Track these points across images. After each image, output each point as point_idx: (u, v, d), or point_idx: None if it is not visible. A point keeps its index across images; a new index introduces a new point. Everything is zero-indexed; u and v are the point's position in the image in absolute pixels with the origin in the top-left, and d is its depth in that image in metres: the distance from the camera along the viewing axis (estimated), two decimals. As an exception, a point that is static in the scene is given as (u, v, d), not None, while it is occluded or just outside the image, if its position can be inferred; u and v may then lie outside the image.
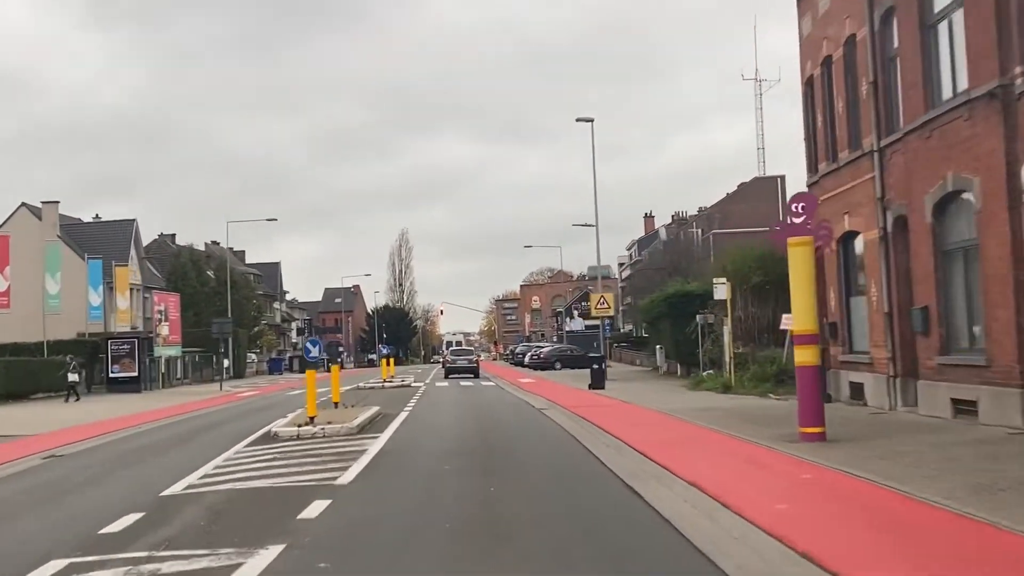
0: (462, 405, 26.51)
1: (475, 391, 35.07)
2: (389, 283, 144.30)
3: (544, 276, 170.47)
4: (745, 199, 64.59)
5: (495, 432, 18.16)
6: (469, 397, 30.96)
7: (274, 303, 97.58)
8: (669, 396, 26.51)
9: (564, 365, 55.23)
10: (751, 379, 26.31)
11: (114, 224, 63.63)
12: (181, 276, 64.03)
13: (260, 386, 49.15)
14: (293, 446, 15.96)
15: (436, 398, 30.52)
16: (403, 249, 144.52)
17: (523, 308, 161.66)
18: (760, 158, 72.50)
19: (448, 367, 52.66)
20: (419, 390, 36.01)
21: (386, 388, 37.68)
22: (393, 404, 26.42)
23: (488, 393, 33.54)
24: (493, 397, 30.71)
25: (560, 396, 27.87)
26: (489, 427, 19.38)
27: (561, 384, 36.31)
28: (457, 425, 20.08)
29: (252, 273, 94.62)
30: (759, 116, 71.05)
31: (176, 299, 55.11)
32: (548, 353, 56.19)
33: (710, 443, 14.64)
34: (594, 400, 26.08)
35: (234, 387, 48.12)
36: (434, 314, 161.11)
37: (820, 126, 22.86)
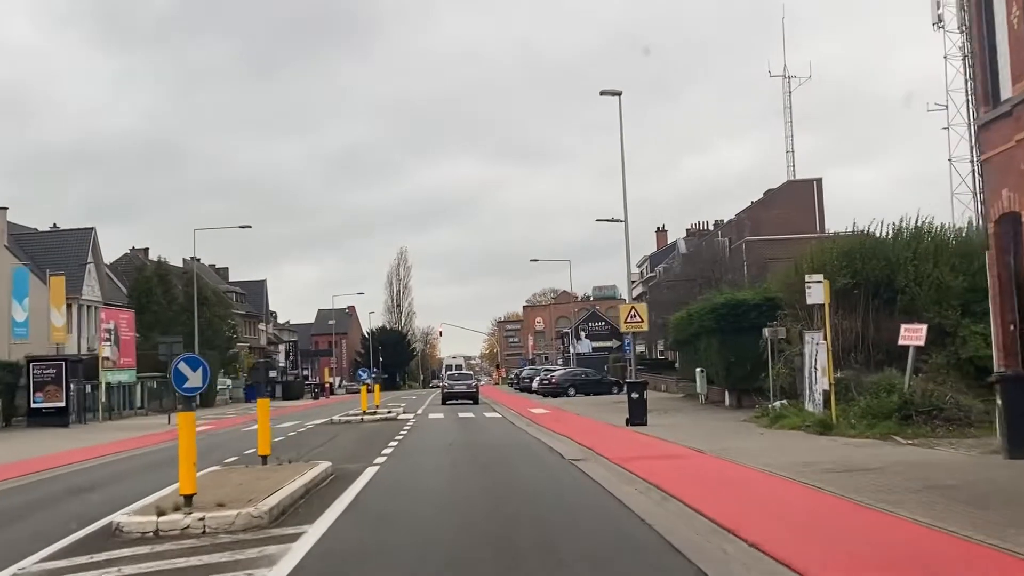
0: (460, 451, 18.91)
1: (477, 427, 27.49)
2: (386, 304, 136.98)
3: (548, 297, 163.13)
4: (776, 205, 57.29)
5: (515, 514, 10.54)
6: (470, 436, 23.36)
7: (259, 324, 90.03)
8: (745, 439, 18.93)
9: (578, 391, 47.66)
10: (862, 414, 18.72)
11: (70, 234, 56.19)
12: (145, 292, 56.56)
13: (225, 417, 41.52)
14: (134, 561, 8.35)
15: (426, 439, 22.91)
16: (401, 268, 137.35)
17: (526, 330, 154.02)
18: (789, 161, 65.20)
19: (446, 392, 48.04)
20: (406, 425, 28.45)
21: (365, 423, 30.11)
22: (361, 451, 18.84)
23: (494, 429, 25.96)
24: (502, 436, 23.12)
25: (593, 437, 20.32)
26: (503, 497, 11.84)
27: (585, 418, 28.72)
28: (450, 493, 12.54)
29: (235, 292, 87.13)
30: (787, 116, 63.54)
31: (129, 316, 47.59)
32: (560, 378, 48.63)
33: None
34: (644, 444, 18.51)
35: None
36: (434, 337, 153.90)
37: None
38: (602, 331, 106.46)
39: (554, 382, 47.98)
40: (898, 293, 23.69)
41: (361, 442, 21.63)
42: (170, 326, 56.95)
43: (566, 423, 26.31)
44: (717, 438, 19.13)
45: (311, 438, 24.02)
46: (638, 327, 31.06)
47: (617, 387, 48.76)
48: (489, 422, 29.43)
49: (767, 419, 22.53)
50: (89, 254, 55.55)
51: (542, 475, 14.22)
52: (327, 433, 26.05)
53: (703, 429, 22.06)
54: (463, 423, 29.30)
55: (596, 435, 21.08)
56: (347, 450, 19.58)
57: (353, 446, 20.71)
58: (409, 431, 25.37)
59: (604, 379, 49.96)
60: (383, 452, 18.37)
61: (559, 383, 47.84)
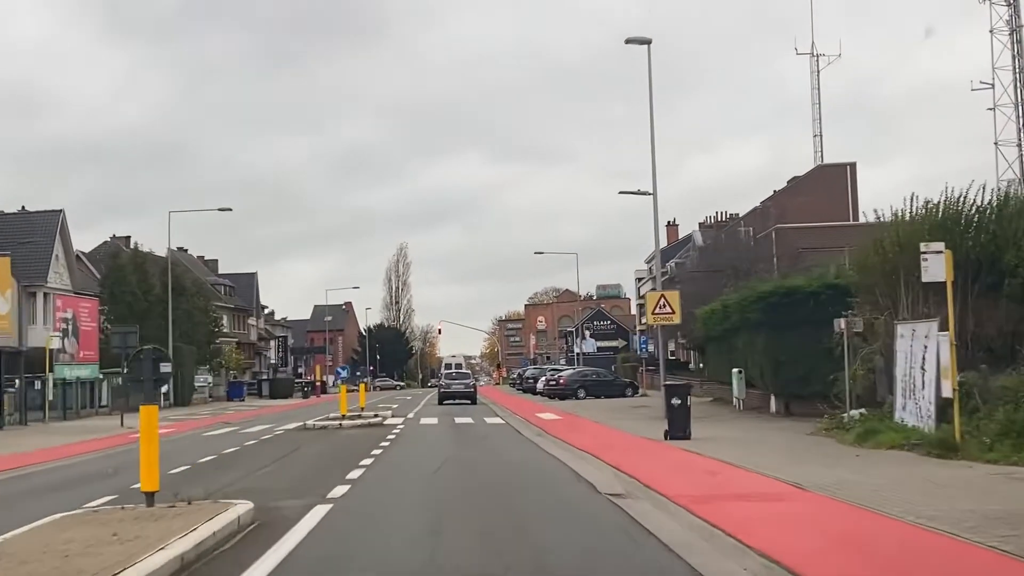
0: (452, 479, 13.78)
1: (476, 437, 22.36)
2: (385, 300, 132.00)
3: (550, 296, 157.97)
4: (805, 191, 52.15)
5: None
6: (467, 453, 18.21)
7: (248, 318, 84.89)
8: (840, 463, 13.82)
9: (588, 393, 42.56)
10: (1002, 431, 13.61)
11: (37, 216, 51.10)
12: (118, 281, 51.42)
13: (194, 418, 36.45)
14: None
15: (410, 456, 17.77)
16: (401, 264, 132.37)
17: (527, 329, 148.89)
18: (817, 146, 60.14)
19: (443, 391, 45.07)
20: (392, 432, 23.36)
21: (343, 429, 25.02)
22: (318, 476, 13.74)
23: (497, 441, 20.85)
24: (507, 452, 18.04)
25: (629, 456, 15.25)
26: None
27: (606, 426, 23.63)
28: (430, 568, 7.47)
29: (223, 284, 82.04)
30: (815, 97, 58.59)
31: (92, 305, 42.53)
32: (570, 378, 43.45)
33: None
34: (706, 471, 13.41)
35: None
36: (433, 336, 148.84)
37: None
38: (608, 330, 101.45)
39: (562, 383, 42.85)
40: (1005, 276, 18.62)
41: (324, 460, 16.55)
42: (145, 318, 51.90)
43: (585, 433, 21.25)
44: (798, 461, 14.07)
45: (264, 451, 18.94)
46: (668, 319, 26.04)
47: (631, 389, 43.72)
48: (491, 430, 24.34)
49: (848, 433, 17.41)
50: (56, 238, 50.50)
51: (576, 530, 9.10)
52: (291, 443, 20.98)
53: (767, 446, 16.96)
54: (460, 431, 24.21)
55: (632, 453, 16.01)
56: (300, 473, 14.52)
57: (312, 466, 15.63)
58: (392, 443, 20.26)
59: (617, 380, 44.90)
60: (347, 478, 13.27)
61: (568, 384, 42.70)
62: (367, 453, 17.18)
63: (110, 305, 52.09)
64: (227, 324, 78.89)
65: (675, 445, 17.38)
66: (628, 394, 42.96)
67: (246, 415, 38.82)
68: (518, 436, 22.04)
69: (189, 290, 53.73)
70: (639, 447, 17.29)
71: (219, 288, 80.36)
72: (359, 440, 21.12)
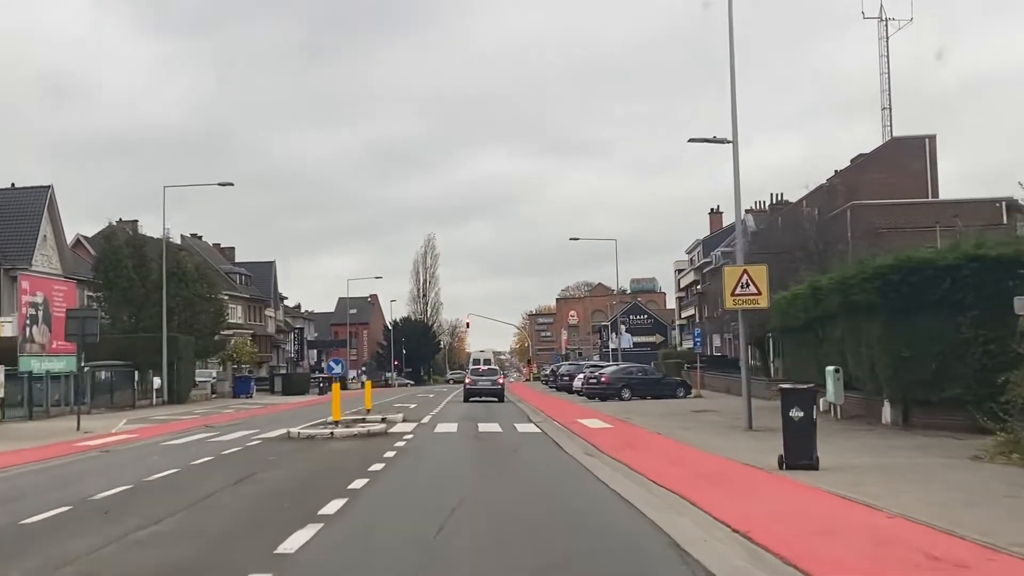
0: (466, 550, 8.01)
1: (505, 455, 16.48)
2: (412, 293, 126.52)
3: (582, 291, 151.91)
4: (877, 167, 45.98)
5: None
6: (492, 490, 12.15)
7: (265, 309, 79.66)
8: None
9: (634, 393, 36.66)
10: None
11: (22, 193, 45.98)
12: (113, 265, 46.20)
13: (178, 419, 31.02)
14: None
15: (407, 493, 11.78)
16: (429, 256, 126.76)
17: (559, 323, 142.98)
18: (885, 119, 53.84)
19: (468, 388, 41.56)
20: (394, 445, 17.62)
21: (334, 439, 19.31)
22: (238, 545, 7.99)
23: (535, 464, 14.95)
24: (548, 485, 12.23)
25: (742, 505, 9.42)
26: None
27: (675, 440, 17.69)
28: None
29: (239, 273, 76.93)
30: (883, 65, 52.31)
31: (68, 288, 37.23)
32: (613, 376, 37.40)
33: None
34: (883, 535, 7.55)
35: (133, 422, 30.20)
36: (462, 330, 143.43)
37: None
38: (644, 325, 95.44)
39: (604, 381, 36.89)
40: None
41: (268, 503, 10.76)
42: (143, 305, 46.77)
43: (652, 452, 15.47)
44: (1008, 512, 8.25)
45: (203, 480, 13.19)
46: (751, 302, 20.11)
47: (683, 389, 37.77)
48: (523, 443, 18.54)
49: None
50: (43, 217, 45.32)
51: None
52: (250, 464, 15.29)
53: (936, 482, 11.06)
54: (483, 446, 18.42)
55: (744, 496, 10.18)
56: (208, 539, 8.67)
57: (241, 519, 9.78)
58: (387, 466, 14.50)
59: (666, 378, 38.91)
60: (278, 551, 7.55)
61: (611, 383, 36.74)
62: (343, 488, 11.47)
63: (104, 291, 47.00)
64: (242, 315, 73.78)
65: (801, 479, 11.51)
66: (680, 394, 37.04)
67: (241, 415, 33.36)
68: (560, 455, 16.24)
69: (190, 275, 48.38)
70: (749, 483, 11.43)
71: (234, 277, 75.30)
72: (344, 460, 15.47)
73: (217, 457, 16.53)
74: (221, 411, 37.21)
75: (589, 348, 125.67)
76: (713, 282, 70.71)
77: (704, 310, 74.46)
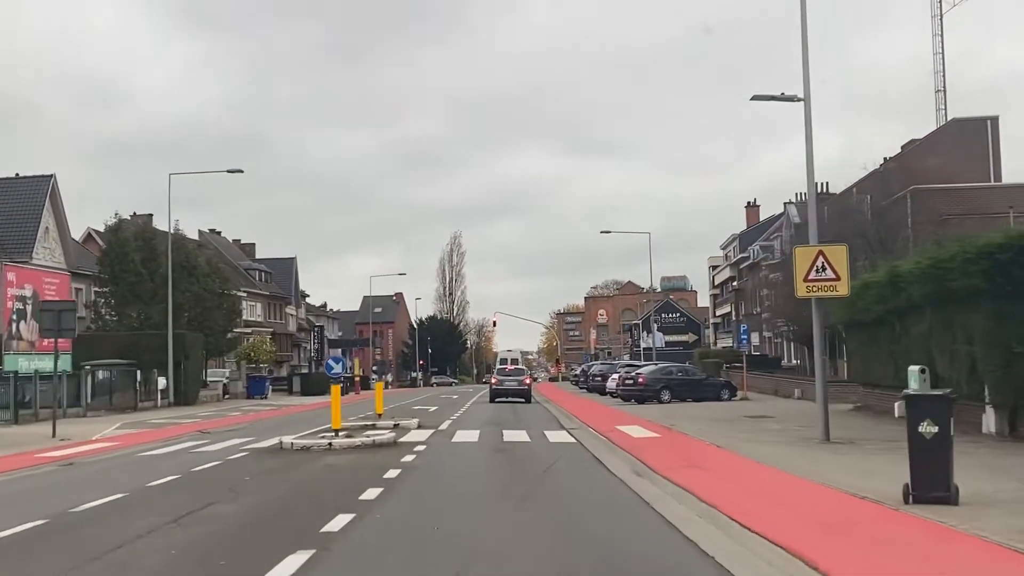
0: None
1: (534, 480, 13.16)
2: (438, 291, 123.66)
3: (611, 289, 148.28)
4: (937, 150, 42.35)
5: None
6: (517, 549, 8.90)
7: (286, 307, 76.87)
8: None
9: (674, 395, 33.29)
10: None
11: (23, 183, 43.42)
12: (119, 258, 43.42)
13: (175, 423, 28.12)
14: None
15: (396, 545, 8.63)
16: (455, 254, 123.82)
17: (587, 322, 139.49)
18: (939, 103, 50.11)
19: (494, 389, 39.98)
20: (400, 461, 14.44)
21: (332, 451, 16.15)
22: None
23: (578, 492, 11.60)
24: (594, 528, 9.01)
25: (888, 567, 6.17)
26: None
27: (742, 455, 14.32)
28: None
29: (258, 270, 74.23)
30: (937, 45, 48.61)
31: (62, 281, 34.47)
32: (651, 376, 33.94)
33: None
34: None
35: (125, 427, 27.40)
36: (489, 330, 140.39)
37: None
38: (677, 323, 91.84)
39: (642, 382, 33.48)
40: None
41: (207, 555, 7.59)
42: (151, 300, 43.97)
43: (721, 473, 12.25)
44: None
45: (148, 510, 10.06)
46: (828, 290, 16.79)
47: (727, 390, 34.36)
48: (556, 458, 15.26)
49: None
50: (44, 208, 42.75)
51: None
52: (217, 486, 12.15)
53: None
54: (507, 462, 15.20)
55: (902, 559, 6.89)
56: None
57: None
58: (386, 491, 11.32)
59: (709, 379, 35.45)
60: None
61: (648, 383, 33.34)
62: (313, 533, 8.32)
63: (111, 286, 44.30)
64: (261, 312, 71.11)
65: (939, 519, 8.22)
66: (724, 397, 33.65)
67: (247, 419, 30.41)
68: (604, 477, 13.01)
69: (201, 269, 45.54)
70: (888, 532, 8.06)
71: (253, 273, 72.62)
72: (332, 483, 12.36)
73: (183, 476, 13.46)
74: (227, 414, 34.28)
75: (619, 347, 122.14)
76: (751, 280, 67.23)
77: (741, 307, 70.90)
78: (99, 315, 44.44)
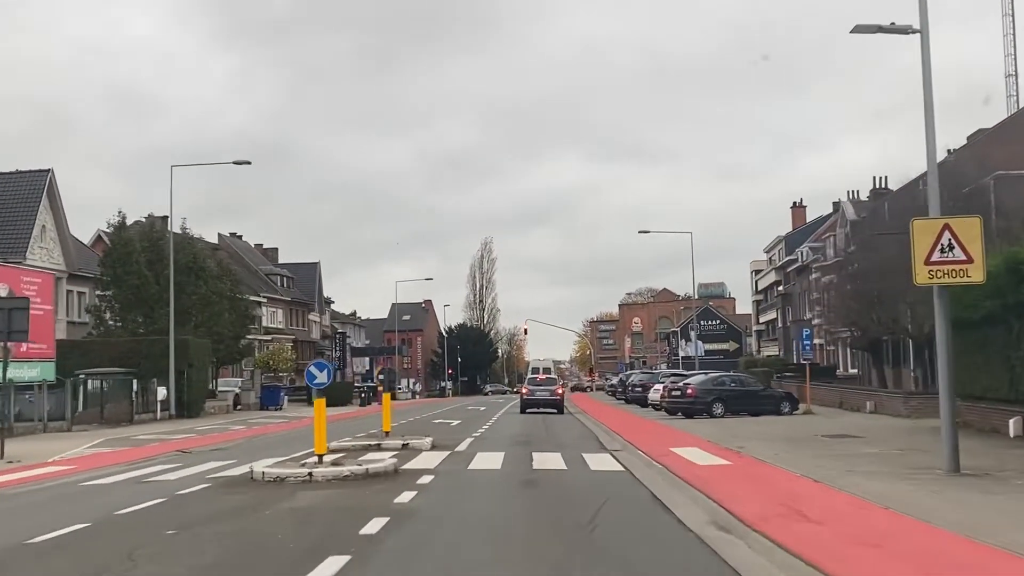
0: None
1: (574, 537, 9.30)
2: (468, 299, 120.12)
3: (645, 297, 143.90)
4: (1013, 137, 38.04)
5: None
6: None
7: (308, 313, 73.52)
8: None
9: (728, 409, 29.22)
10: None
11: (19, 177, 40.32)
12: (122, 259, 40.11)
13: (161, 442, 24.61)
14: None
15: None
16: (485, 261, 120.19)
17: (622, 331, 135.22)
18: (1010, 88, 45.73)
19: (525, 399, 38.12)
20: (390, 508, 10.64)
21: (311, 483, 12.36)
22: None
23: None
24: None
25: None
26: None
27: (886, 510, 10.29)
28: None
29: (280, 274, 70.99)
30: (1007, 25, 44.29)
31: (45, 281, 30.97)
32: (702, 387, 29.72)
33: None
34: None
35: (104, 444, 23.99)
36: (520, 338, 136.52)
37: None
38: (717, 331, 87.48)
39: (691, 394, 29.46)
40: None
41: None
42: (156, 305, 40.62)
43: (853, 535, 8.28)
44: None
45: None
46: (959, 276, 12.83)
47: (788, 403, 30.23)
48: (602, 499, 11.33)
49: None
50: (40, 205, 39.60)
51: None
52: (123, 547, 8.39)
53: None
54: (537, 503, 11.32)
55: None
56: None
57: None
58: (358, 560, 7.53)
59: (767, 391, 31.28)
60: None
61: (699, 395, 29.26)
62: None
63: (113, 289, 41.03)
64: (282, 319, 67.83)
65: None
66: (784, 410, 29.57)
67: (242, 435, 26.89)
68: (672, 528, 9.13)
69: (209, 271, 42.15)
70: None
71: (275, 279, 69.36)
72: (288, 542, 8.58)
73: (91, 526, 9.75)
74: (229, 428, 30.72)
75: (654, 356, 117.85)
76: (798, 282, 62.88)
77: (788, 313, 66.55)
78: (101, 320, 41.19)
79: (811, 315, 56.45)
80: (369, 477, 13.00)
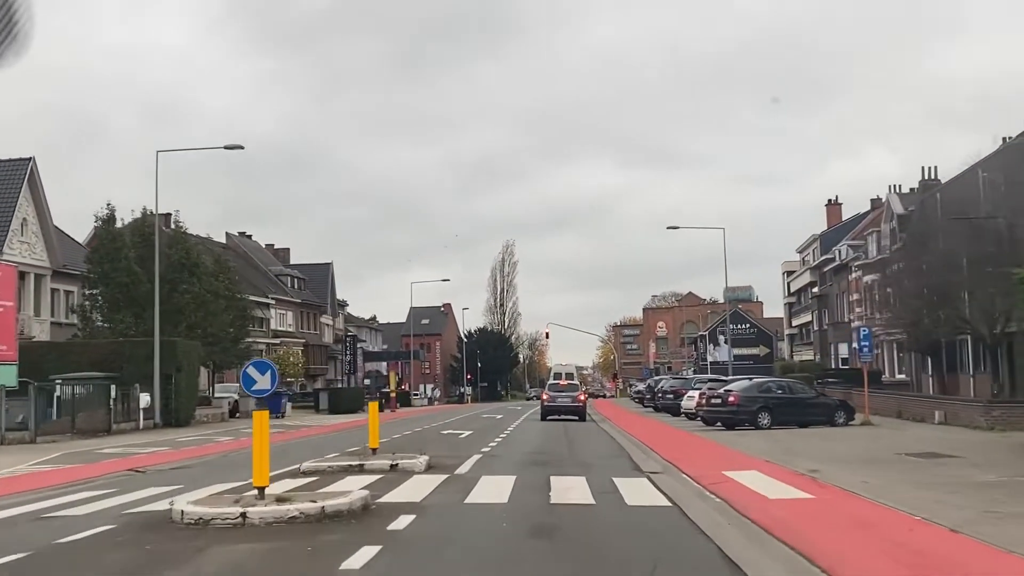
0: None
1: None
2: (488, 303, 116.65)
3: (670, 301, 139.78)
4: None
5: None
6: None
7: (321, 316, 70.18)
8: None
9: (775, 419, 25.41)
10: None
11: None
12: (110, 256, 36.87)
13: (126, 456, 21.27)
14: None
15: None
16: (507, 264, 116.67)
17: (646, 335, 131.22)
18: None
19: (546, 406, 36.32)
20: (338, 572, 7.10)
21: (244, 528, 8.85)
22: None
23: None
24: None
25: None
26: None
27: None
28: None
29: (290, 276, 67.75)
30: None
31: (6, 274, 27.68)
32: (745, 394, 25.81)
33: None
34: None
35: (58, 460, 20.74)
36: (542, 343, 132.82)
37: None
38: (747, 335, 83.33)
39: (733, 402, 25.68)
40: None
41: None
42: (147, 305, 37.28)
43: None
44: None
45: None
46: None
47: (842, 413, 26.41)
48: (647, 551, 7.76)
49: None
50: (20, 197, 36.46)
51: None
52: None
53: None
54: (557, 570, 7.72)
55: None
56: None
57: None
58: None
59: (818, 398, 27.44)
60: None
61: (742, 403, 25.46)
62: None
63: (101, 288, 37.82)
64: (292, 322, 64.55)
65: None
66: (839, 420, 25.81)
67: (226, 447, 23.47)
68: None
69: (204, 269, 38.85)
70: None
71: (285, 280, 66.12)
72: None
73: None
74: (214, 439, 27.25)
75: (679, 361, 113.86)
76: (835, 282, 58.93)
77: (824, 315, 62.58)
78: (87, 320, 38.00)
79: (851, 317, 52.54)
80: (324, 519, 9.44)
